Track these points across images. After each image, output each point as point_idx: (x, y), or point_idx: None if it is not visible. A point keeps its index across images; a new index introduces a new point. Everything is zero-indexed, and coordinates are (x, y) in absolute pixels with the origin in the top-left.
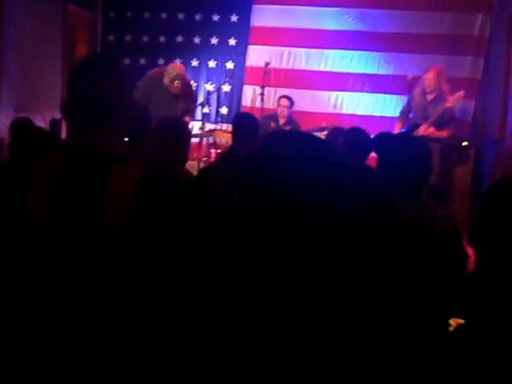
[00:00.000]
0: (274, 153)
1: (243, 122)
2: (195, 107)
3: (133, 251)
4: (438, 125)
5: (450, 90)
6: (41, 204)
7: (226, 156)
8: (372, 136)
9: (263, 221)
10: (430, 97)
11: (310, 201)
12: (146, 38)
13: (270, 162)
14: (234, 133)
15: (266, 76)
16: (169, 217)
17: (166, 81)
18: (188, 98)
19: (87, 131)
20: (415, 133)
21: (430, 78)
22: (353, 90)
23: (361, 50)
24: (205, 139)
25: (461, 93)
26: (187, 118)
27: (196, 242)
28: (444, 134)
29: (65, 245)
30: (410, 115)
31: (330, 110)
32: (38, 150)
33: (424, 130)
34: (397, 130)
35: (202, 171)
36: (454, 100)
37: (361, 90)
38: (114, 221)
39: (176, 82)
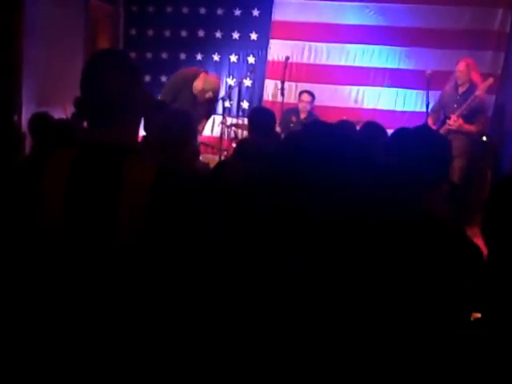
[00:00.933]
0: (310, 147)
1: (258, 116)
2: (212, 112)
3: (147, 250)
4: (468, 117)
5: (481, 82)
6: (57, 203)
7: (240, 150)
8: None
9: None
10: (461, 89)
11: (347, 200)
12: (167, 33)
13: (307, 156)
14: (250, 126)
15: (287, 70)
16: (183, 214)
17: (198, 88)
18: (211, 105)
19: (100, 125)
20: (445, 126)
21: (461, 69)
22: (373, 84)
23: (381, 44)
24: (226, 134)
25: (490, 80)
26: (205, 121)
27: (213, 239)
28: (473, 128)
29: (79, 245)
30: (441, 113)
31: (351, 105)
32: (55, 145)
33: (453, 121)
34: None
35: (217, 166)
36: (484, 87)
37: (381, 85)
38: (128, 220)
39: (208, 94)
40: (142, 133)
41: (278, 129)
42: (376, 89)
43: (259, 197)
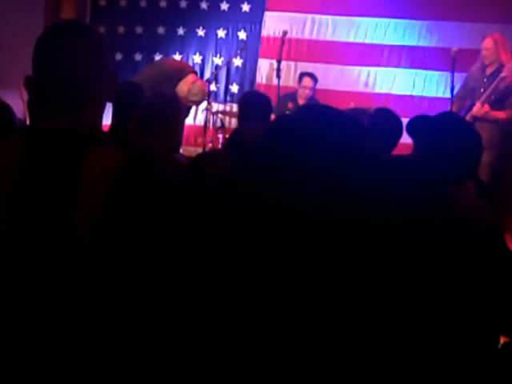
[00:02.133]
0: (295, 133)
1: (251, 102)
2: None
3: (109, 255)
4: (497, 102)
5: (510, 61)
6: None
7: (229, 141)
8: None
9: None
10: (489, 70)
11: (342, 196)
12: (143, 3)
13: (291, 145)
14: (240, 114)
15: (285, 48)
16: (151, 215)
17: (182, 93)
18: (188, 111)
19: (56, 111)
20: (468, 115)
21: (487, 46)
22: (388, 65)
23: (398, 17)
24: (211, 122)
25: None
26: None
27: (186, 244)
28: (502, 114)
29: (27, 248)
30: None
31: (361, 89)
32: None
33: (477, 109)
34: None
35: (194, 160)
36: (510, 68)
37: (397, 65)
38: (87, 220)
39: (193, 102)
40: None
41: (273, 117)
42: (390, 70)
43: (238, 195)
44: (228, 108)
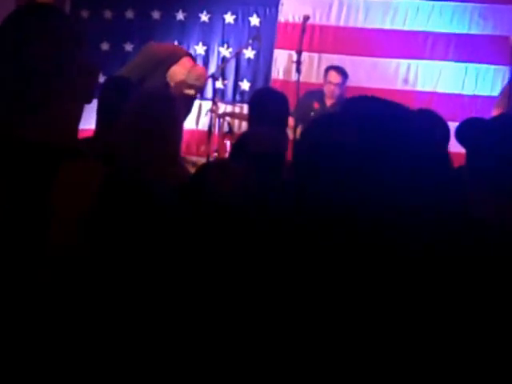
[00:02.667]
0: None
1: (264, 101)
2: (189, 112)
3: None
4: None
5: None
6: None
7: (236, 148)
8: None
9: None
10: None
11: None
12: None
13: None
14: (251, 116)
15: (306, 36)
16: (140, 244)
17: (176, 77)
18: (189, 104)
19: (20, 113)
20: None
21: None
22: (432, 57)
23: None
24: (217, 126)
25: None
26: None
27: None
28: None
29: None
30: None
31: (399, 86)
32: None
33: None
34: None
35: (196, 173)
36: None
37: (444, 58)
38: (60, 245)
39: (191, 91)
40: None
41: (291, 120)
42: (435, 63)
43: (262, 220)
44: (237, 109)
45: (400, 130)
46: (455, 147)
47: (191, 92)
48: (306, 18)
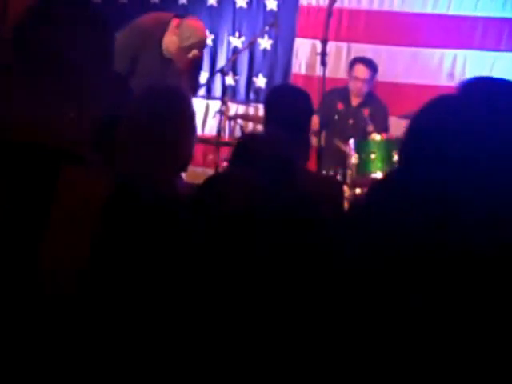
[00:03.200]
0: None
1: (282, 100)
2: (198, 85)
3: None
4: None
5: None
6: None
7: (237, 152)
8: None
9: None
10: None
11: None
12: None
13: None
14: (266, 117)
15: (333, 22)
16: (147, 264)
17: (173, 45)
18: (195, 72)
19: (13, 113)
20: None
21: None
22: (482, 46)
23: None
24: (227, 131)
25: None
26: None
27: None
28: None
29: None
30: None
31: (443, 82)
32: None
33: None
34: None
35: (203, 185)
36: None
37: (496, 48)
38: (56, 272)
39: (193, 53)
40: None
41: (315, 122)
42: (486, 54)
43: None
44: (251, 110)
45: None
46: None
47: (195, 53)
48: (332, 0)
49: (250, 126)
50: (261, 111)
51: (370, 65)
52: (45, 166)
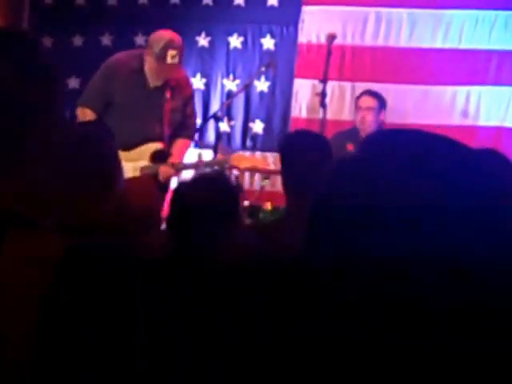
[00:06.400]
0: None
1: (301, 148)
2: (194, 124)
3: None
4: None
5: None
6: None
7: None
8: None
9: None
10: None
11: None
12: None
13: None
14: (284, 166)
15: (334, 60)
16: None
17: (150, 62)
18: (184, 102)
19: None
20: None
21: None
22: (498, 82)
23: (510, 8)
24: None
25: None
26: (181, 141)
27: None
28: None
29: None
30: None
31: (456, 121)
32: None
33: None
34: None
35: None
36: None
37: None
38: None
39: (170, 55)
40: None
41: None
42: (502, 90)
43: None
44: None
45: (456, 176)
46: None
47: (172, 54)
48: (332, 36)
49: (247, 176)
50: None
51: (377, 96)
52: None
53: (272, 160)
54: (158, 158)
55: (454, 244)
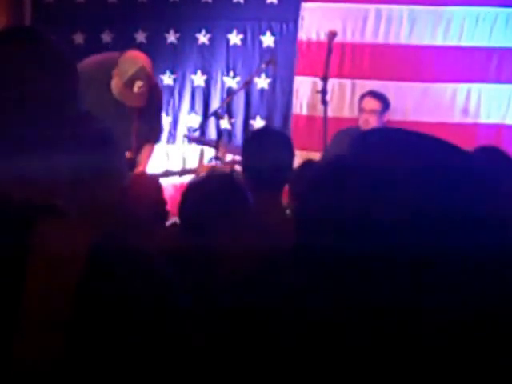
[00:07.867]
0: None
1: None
2: (160, 129)
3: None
4: None
5: None
6: None
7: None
8: None
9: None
10: None
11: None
12: None
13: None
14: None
15: (334, 58)
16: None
17: (117, 83)
18: (151, 110)
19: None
20: None
21: None
22: (498, 79)
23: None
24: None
25: None
26: (147, 147)
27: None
28: None
29: None
30: None
31: (456, 119)
32: None
33: None
34: None
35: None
36: None
37: None
38: (30, 346)
39: (137, 85)
40: None
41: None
42: (503, 87)
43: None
44: None
45: (450, 177)
46: None
47: (139, 85)
48: (333, 34)
49: None
50: None
51: (380, 97)
52: (20, 222)
53: None
54: None
55: (427, 243)
